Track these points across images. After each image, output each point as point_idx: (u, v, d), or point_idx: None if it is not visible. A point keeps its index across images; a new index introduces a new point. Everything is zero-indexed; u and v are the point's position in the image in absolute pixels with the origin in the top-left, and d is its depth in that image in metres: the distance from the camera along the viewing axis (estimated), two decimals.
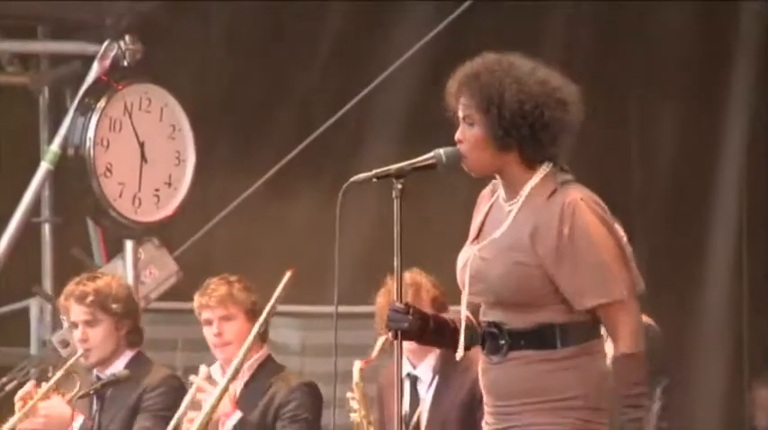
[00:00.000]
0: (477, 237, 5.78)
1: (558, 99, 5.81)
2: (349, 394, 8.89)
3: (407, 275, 8.42)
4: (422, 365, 8.67)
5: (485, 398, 5.94)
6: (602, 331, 5.82)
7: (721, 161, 13.21)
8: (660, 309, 8.43)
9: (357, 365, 8.83)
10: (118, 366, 8.88)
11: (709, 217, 13.22)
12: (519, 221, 5.87)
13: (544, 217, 5.81)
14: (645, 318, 7.22)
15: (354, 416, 8.90)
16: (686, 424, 11.16)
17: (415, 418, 8.79)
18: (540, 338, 5.93)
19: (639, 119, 13.38)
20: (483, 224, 5.83)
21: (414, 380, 8.80)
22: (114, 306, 8.96)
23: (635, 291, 5.75)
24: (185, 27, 11.66)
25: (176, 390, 8.93)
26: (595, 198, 5.86)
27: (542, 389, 5.83)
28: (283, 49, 12.86)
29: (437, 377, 8.80)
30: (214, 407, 8.43)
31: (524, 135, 5.73)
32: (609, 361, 6.01)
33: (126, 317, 9.03)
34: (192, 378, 8.73)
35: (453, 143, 5.71)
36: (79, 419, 8.71)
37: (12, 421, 8.65)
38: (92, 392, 8.61)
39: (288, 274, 8.39)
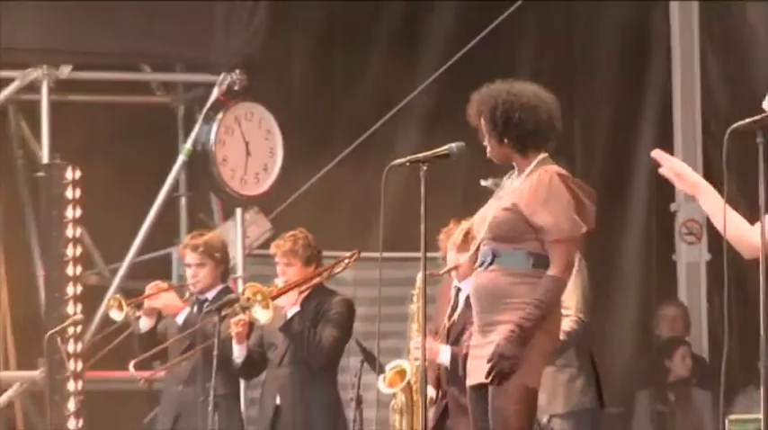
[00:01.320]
0: None
1: (530, 109, 7.93)
2: (412, 291, 10.15)
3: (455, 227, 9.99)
4: (465, 283, 9.50)
5: (473, 312, 8.01)
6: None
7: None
8: (591, 250, 10.04)
9: (420, 275, 9.66)
10: (212, 293, 11.27)
11: (630, 177, 13.83)
12: (515, 189, 7.93)
13: (525, 183, 7.82)
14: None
15: (413, 307, 10.17)
16: (610, 336, 12.24)
17: (455, 317, 9.84)
18: (514, 258, 7.87)
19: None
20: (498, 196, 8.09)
21: (457, 290, 9.83)
22: (216, 254, 11.36)
23: (575, 233, 7.76)
24: (273, 62, 13.18)
25: None
26: (558, 170, 7.85)
27: (507, 293, 7.78)
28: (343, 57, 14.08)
29: None
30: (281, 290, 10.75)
31: (512, 137, 7.80)
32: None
33: (221, 262, 11.44)
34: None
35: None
36: (185, 311, 11.04)
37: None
38: (214, 308, 10.42)
39: (354, 254, 10.81)
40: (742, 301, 10.69)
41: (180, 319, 11.24)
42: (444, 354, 9.73)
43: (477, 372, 8.01)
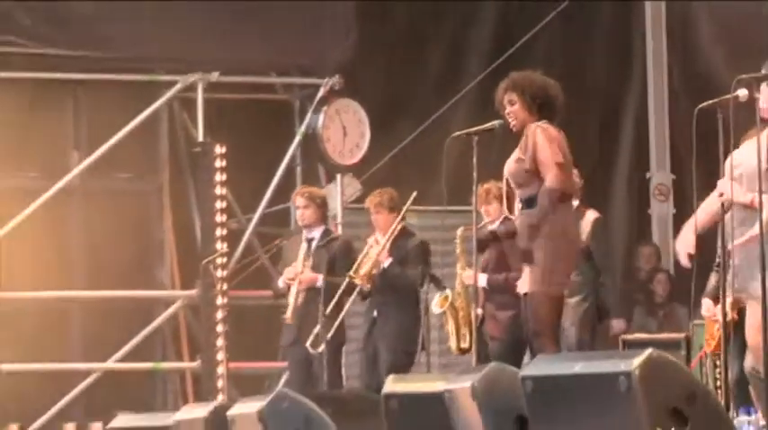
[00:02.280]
0: None
1: (551, 89, 9.12)
2: (455, 240, 11.42)
3: (493, 184, 10.72)
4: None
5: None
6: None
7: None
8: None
9: (460, 230, 11.30)
10: (317, 232, 12.08)
11: (616, 154, 14.93)
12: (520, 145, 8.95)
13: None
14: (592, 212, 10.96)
15: (456, 250, 11.32)
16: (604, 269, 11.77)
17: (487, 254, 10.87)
18: (529, 202, 8.90)
19: None
20: None
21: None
22: (317, 200, 12.02)
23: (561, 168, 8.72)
24: (361, 68, 14.06)
25: (352, 246, 12.33)
26: (545, 126, 8.92)
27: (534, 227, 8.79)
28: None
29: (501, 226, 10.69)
30: (378, 254, 11.56)
31: (538, 109, 8.91)
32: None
33: (321, 207, 12.06)
34: (369, 239, 11.96)
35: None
36: (319, 278, 11.66)
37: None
38: (322, 244, 11.84)
39: (413, 195, 11.49)
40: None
41: (318, 283, 11.81)
42: (482, 280, 10.65)
43: (521, 284, 9.13)
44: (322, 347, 11.16)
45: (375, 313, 11.54)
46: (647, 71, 14.80)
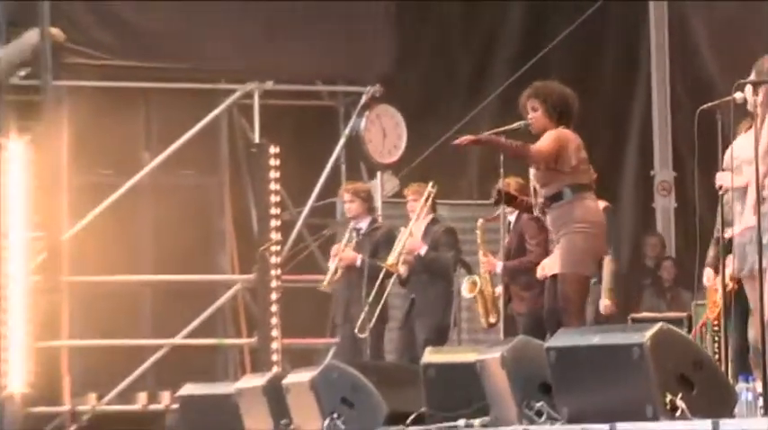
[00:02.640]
0: None
1: (569, 98, 9.10)
2: (477, 230, 11.42)
3: (512, 180, 10.38)
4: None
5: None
6: None
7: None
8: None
9: (480, 221, 11.37)
10: (364, 222, 12.18)
11: (625, 154, 14.77)
12: None
13: None
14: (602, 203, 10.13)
15: (477, 239, 11.35)
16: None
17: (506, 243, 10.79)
18: (554, 198, 8.88)
19: None
20: None
21: (508, 224, 10.74)
22: (362, 194, 12.16)
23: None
24: (399, 73, 13.96)
25: (394, 234, 11.97)
26: (564, 130, 8.90)
27: (561, 218, 8.80)
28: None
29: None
30: (407, 241, 11.60)
31: (558, 115, 8.88)
32: None
33: (366, 200, 12.16)
34: (401, 228, 11.98)
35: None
36: (359, 258, 11.83)
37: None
38: (366, 232, 11.95)
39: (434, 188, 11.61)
40: (692, 231, 10.60)
41: (357, 262, 12.02)
42: (498, 267, 10.87)
43: (550, 266, 9.18)
44: (366, 334, 11.32)
45: (413, 295, 11.53)
46: (651, 79, 14.65)
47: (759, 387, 6.67)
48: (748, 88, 7.32)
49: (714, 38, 14.19)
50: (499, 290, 11.09)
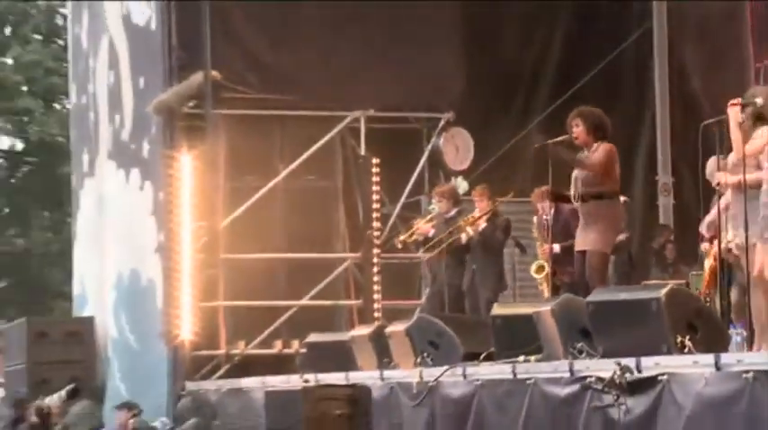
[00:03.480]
0: None
1: (603, 119, 8.86)
2: (534, 224, 11.14)
3: (546, 188, 9.95)
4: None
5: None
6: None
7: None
8: None
9: (535, 217, 11.05)
10: (452, 213, 11.64)
11: (634, 162, 13.86)
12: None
13: (594, 153, 8.60)
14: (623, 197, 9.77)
15: (535, 234, 11.05)
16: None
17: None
18: (597, 195, 8.60)
19: None
20: None
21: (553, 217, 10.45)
22: (446, 194, 11.80)
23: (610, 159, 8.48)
24: (468, 100, 13.52)
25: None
26: (613, 148, 8.73)
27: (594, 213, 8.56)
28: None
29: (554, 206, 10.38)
30: (474, 222, 11.26)
31: (599, 133, 8.66)
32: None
33: (451, 197, 11.80)
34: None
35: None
36: (431, 232, 11.67)
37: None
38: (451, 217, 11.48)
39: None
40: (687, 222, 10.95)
41: (429, 233, 11.86)
42: (556, 248, 10.42)
43: (579, 244, 8.88)
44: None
45: (474, 266, 11.26)
46: (655, 106, 14.18)
47: (744, 332, 6.69)
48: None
49: (702, 74, 13.77)
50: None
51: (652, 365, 5.92)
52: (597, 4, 13.85)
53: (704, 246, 9.02)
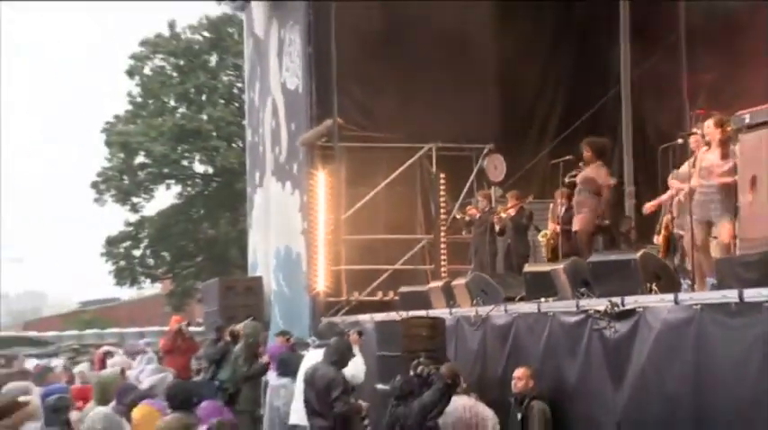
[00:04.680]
0: None
1: (606, 145, 8.51)
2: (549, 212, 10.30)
3: (560, 191, 9.52)
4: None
5: None
6: None
7: None
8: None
9: (551, 206, 10.18)
10: (488, 208, 10.79)
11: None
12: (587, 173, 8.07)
13: (593, 171, 8.04)
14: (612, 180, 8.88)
15: (550, 217, 10.06)
16: None
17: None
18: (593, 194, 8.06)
19: None
20: None
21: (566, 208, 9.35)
22: (487, 196, 11.04)
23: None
24: (504, 132, 12.84)
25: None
26: (605, 167, 8.11)
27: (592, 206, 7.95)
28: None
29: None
30: (506, 209, 10.49)
31: (602, 157, 8.13)
32: None
33: (488, 198, 10.97)
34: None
35: None
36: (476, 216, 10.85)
37: None
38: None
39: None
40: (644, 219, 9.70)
41: (476, 217, 10.97)
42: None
43: (574, 225, 8.39)
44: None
45: (509, 241, 10.60)
46: (623, 137, 13.27)
47: (689, 281, 6.56)
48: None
49: (652, 119, 12.75)
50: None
51: (632, 302, 5.85)
52: (587, 71, 13.18)
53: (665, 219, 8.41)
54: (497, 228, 10.51)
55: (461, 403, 6.08)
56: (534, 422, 5.96)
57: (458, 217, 11.57)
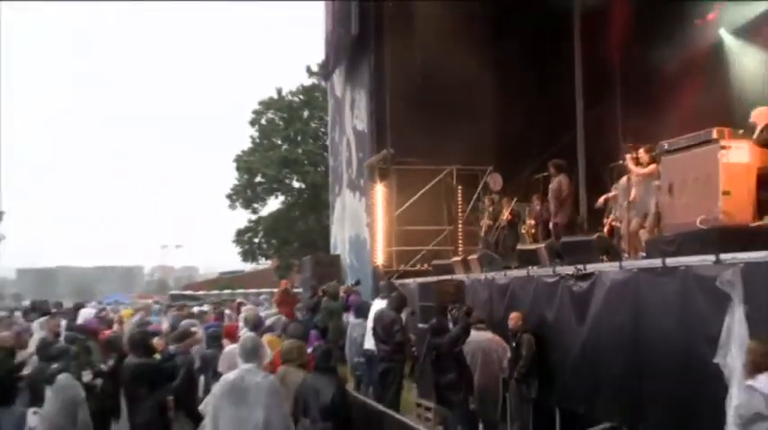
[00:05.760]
0: None
1: (563, 164, 7.80)
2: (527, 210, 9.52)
3: (536, 196, 9.03)
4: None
5: None
6: None
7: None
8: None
9: (527, 208, 9.64)
10: (491, 208, 10.17)
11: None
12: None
13: (556, 183, 7.63)
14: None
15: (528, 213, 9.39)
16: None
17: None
18: (560, 203, 7.67)
19: None
20: None
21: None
22: (492, 198, 10.34)
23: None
24: (504, 153, 11.57)
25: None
26: (566, 177, 7.46)
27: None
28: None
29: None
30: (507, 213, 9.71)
31: (565, 173, 7.51)
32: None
33: (491, 201, 10.28)
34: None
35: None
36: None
37: None
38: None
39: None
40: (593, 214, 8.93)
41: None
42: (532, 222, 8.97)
43: (553, 219, 7.95)
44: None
45: (505, 232, 10.11)
46: (579, 155, 12.04)
47: (627, 254, 6.31)
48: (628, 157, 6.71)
49: (599, 142, 11.40)
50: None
51: (591, 268, 5.71)
52: (556, 115, 11.63)
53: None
54: (502, 224, 10.07)
55: (481, 336, 6.04)
56: (524, 347, 5.96)
57: (478, 213, 10.91)
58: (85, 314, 8.99)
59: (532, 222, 9.36)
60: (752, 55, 7.96)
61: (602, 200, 7.63)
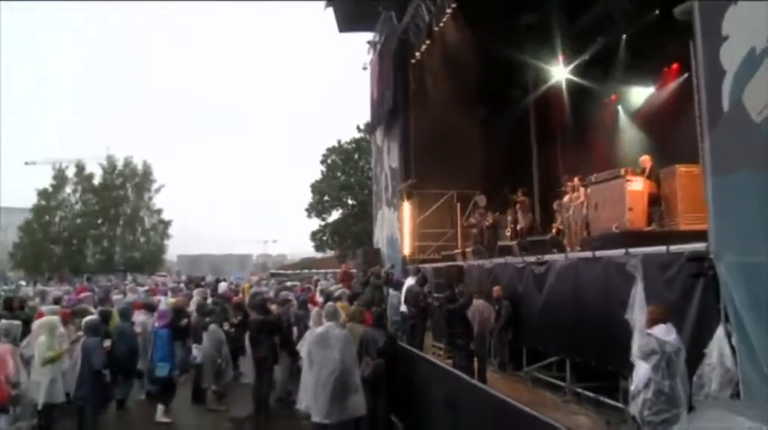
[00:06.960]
0: None
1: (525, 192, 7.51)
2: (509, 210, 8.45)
3: (523, 198, 8.06)
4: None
5: None
6: None
7: None
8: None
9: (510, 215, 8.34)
10: (479, 217, 8.95)
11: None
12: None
13: None
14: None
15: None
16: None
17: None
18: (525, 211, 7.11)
19: None
20: None
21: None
22: (481, 209, 8.85)
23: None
24: (489, 180, 10.13)
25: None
26: (523, 196, 6.97)
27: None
28: None
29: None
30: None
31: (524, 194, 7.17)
32: None
33: (479, 212, 8.93)
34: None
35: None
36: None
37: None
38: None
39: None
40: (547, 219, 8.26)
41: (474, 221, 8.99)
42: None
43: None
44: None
45: (490, 233, 8.98)
46: (535, 184, 10.83)
47: (570, 250, 6.08)
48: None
49: (549, 176, 10.30)
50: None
51: (548, 257, 5.70)
52: (522, 156, 10.82)
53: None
54: (487, 227, 9.23)
55: (477, 302, 5.93)
56: (503, 309, 6.06)
57: (471, 220, 9.85)
58: (222, 286, 8.91)
59: (509, 227, 9.02)
60: (631, 127, 7.94)
61: (555, 206, 7.53)
